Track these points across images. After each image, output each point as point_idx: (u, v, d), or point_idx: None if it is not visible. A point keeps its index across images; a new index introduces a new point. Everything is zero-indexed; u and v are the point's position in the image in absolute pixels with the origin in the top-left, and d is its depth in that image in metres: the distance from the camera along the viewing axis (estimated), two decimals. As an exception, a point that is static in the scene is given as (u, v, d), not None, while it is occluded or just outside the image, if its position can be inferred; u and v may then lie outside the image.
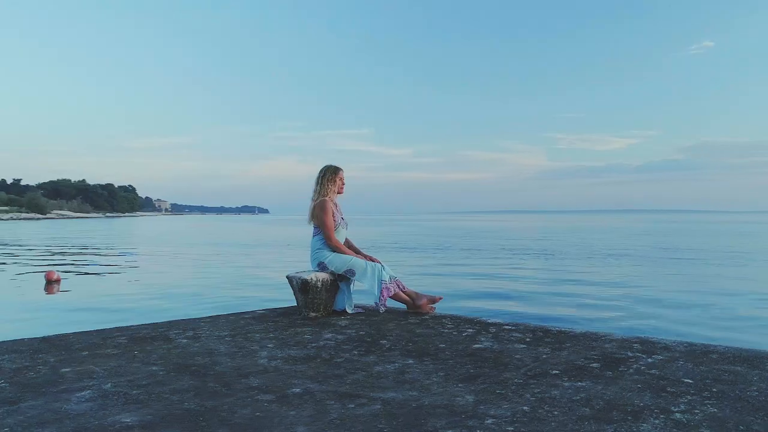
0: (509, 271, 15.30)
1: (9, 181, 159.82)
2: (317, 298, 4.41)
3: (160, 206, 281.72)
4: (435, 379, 2.61)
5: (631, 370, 2.72)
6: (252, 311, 4.67)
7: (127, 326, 4.01)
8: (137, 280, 13.24)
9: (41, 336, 3.64)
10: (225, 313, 4.67)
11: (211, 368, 2.85)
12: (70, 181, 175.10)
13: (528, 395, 2.34)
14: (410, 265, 17.26)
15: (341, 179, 4.60)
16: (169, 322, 4.22)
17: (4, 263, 17.39)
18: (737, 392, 2.35)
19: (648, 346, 3.25)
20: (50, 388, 2.49)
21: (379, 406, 2.23)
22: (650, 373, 2.67)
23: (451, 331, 3.75)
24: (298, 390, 2.46)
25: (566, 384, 2.51)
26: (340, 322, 4.10)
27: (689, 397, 2.28)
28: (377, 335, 3.64)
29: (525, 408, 2.18)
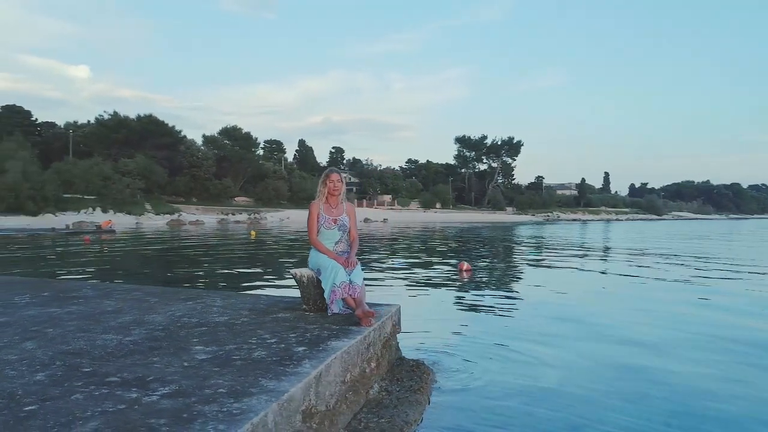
0: None
1: (637, 185, 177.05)
2: (305, 293, 4.61)
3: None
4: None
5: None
6: (279, 298, 5.31)
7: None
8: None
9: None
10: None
11: (93, 317, 4.15)
12: (693, 182, 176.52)
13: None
14: None
15: (331, 181, 4.62)
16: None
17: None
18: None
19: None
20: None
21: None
22: None
23: (271, 338, 3.41)
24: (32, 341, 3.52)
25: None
26: (279, 315, 4.29)
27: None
28: (221, 326, 3.79)
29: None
